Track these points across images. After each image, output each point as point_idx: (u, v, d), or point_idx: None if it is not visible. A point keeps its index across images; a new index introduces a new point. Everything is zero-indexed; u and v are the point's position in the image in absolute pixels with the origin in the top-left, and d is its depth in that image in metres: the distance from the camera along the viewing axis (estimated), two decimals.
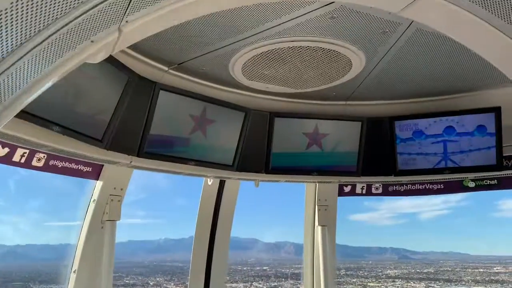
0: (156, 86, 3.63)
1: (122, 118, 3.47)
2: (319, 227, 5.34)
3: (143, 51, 3.56)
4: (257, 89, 4.24)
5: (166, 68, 3.80)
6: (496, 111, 4.16)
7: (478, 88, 4.24)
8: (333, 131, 4.53)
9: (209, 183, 4.62)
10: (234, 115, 4.19)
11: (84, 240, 4.08)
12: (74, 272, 4.03)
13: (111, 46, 1.82)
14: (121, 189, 4.26)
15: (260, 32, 3.18)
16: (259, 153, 4.45)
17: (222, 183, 5.10)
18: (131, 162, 3.70)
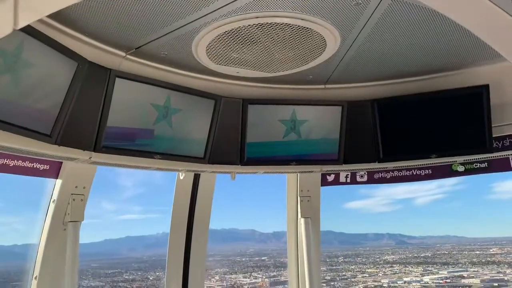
0: (111, 73, 3.30)
1: (75, 110, 3.15)
2: (302, 219, 5.06)
3: (96, 36, 3.23)
4: (227, 74, 3.92)
5: (123, 54, 3.47)
6: (484, 89, 3.87)
7: (464, 65, 3.95)
8: (311, 117, 4.23)
9: (181, 177, 4.32)
10: (202, 103, 3.88)
11: (45, 243, 3.78)
12: (35, 278, 3.74)
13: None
14: (84, 188, 3.95)
15: (220, 8, 2.86)
16: (233, 143, 4.15)
17: (196, 177, 4.80)
18: (90, 158, 3.39)
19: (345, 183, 5.23)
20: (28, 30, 2.63)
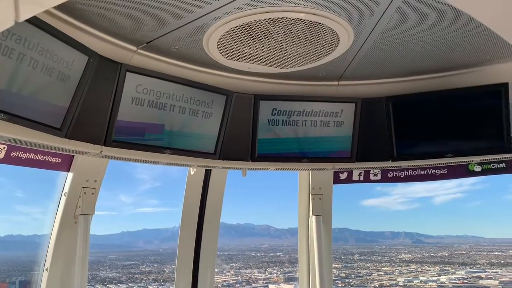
0: (122, 67, 3.31)
1: (85, 104, 3.17)
2: (314, 217, 5.00)
3: (107, 30, 3.23)
4: (239, 69, 3.87)
5: (134, 48, 3.46)
6: (503, 87, 3.75)
7: (482, 63, 3.81)
8: (324, 114, 4.17)
9: (192, 172, 4.31)
10: (214, 99, 3.85)
11: (56, 236, 3.82)
12: (46, 270, 3.79)
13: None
14: (95, 181, 3.97)
15: (231, 2, 2.81)
16: (244, 139, 4.12)
17: (208, 172, 4.79)
18: (101, 151, 3.41)
19: (358, 181, 5.15)
20: (39, 24, 2.64)
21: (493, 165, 4.57)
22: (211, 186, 4.82)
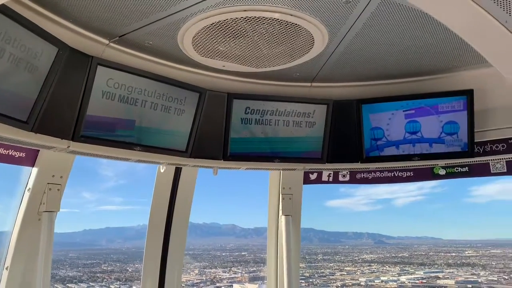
0: (93, 60, 3.21)
1: (53, 97, 3.05)
2: (283, 217, 5.03)
3: (79, 22, 3.13)
4: (213, 67, 3.85)
5: (106, 41, 3.37)
6: (469, 94, 3.89)
7: (449, 70, 3.97)
8: (296, 114, 4.19)
9: (162, 170, 4.24)
10: (187, 96, 3.80)
11: (18, 233, 3.66)
12: (7, 269, 3.62)
13: None
14: (61, 177, 3.84)
15: None
16: (217, 138, 4.09)
17: (178, 171, 4.73)
18: (68, 147, 3.29)
19: (328, 182, 5.22)
20: (7, 12, 2.53)
21: (456, 169, 4.74)
22: (181, 185, 4.76)
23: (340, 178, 5.19)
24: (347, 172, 5.17)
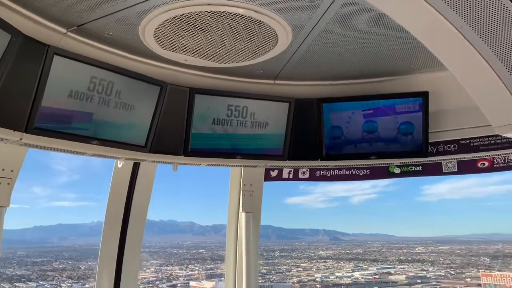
0: (49, 49, 3.07)
1: (6, 87, 2.89)
2: (244, 213, 5.04)
3: (35, 9, 2.98)
4: (175, 61, 3.79)
5: (64, 31, 3.24)
6: (424, 96, 4.04)
7: (407, 71, 4.12)
8: (259, 111, 4.21)
9: (119, 165, 4.13)
10: (147, 89, 3.72)
11: None
12: None
13: None
14: (12, 171, 3.65)
15: None
16: (178, 133, 4.03)
17: (136, 166, 4.62)
18: (21, 139, 3.14)
19: (288, 179, 5.28)
20: None
21: (411, 168, 4.92)
22: (139, 180, 4.65)
23: (300, 175, 5.26)
24: (307, 170, 5.25)
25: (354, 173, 5.20)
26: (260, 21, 3.08)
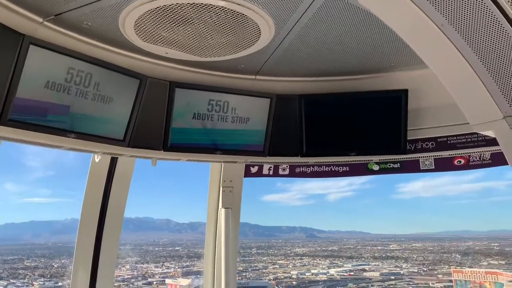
0: (25, 39, 2.96)
1: None
2: (223, 210, 5.01)
3: None
4: (156, 54, 3.72)
5: (40, 20, 3.13)
6: (403, 93, 4.09)
7: (387, 69, 4.17)
8: (239, 107, 4.18)
9: (96, 160, 4.04)
10: (126, 82, 3.64)
11: None
12: None
13: None
14: None
15: None
16: (157, 128, 3.96)
17: (114, 161, 4.52)
18: None
19: (268, 175, 5.27)
20: None
21: (389, 165, 4.98)
22: (116, 176, 4.55)
23: (280, 172, 5.26)
24: (287, 166, 5.25)
25: (334, 169, 5.23)
26: (243, 14, 3.05)
